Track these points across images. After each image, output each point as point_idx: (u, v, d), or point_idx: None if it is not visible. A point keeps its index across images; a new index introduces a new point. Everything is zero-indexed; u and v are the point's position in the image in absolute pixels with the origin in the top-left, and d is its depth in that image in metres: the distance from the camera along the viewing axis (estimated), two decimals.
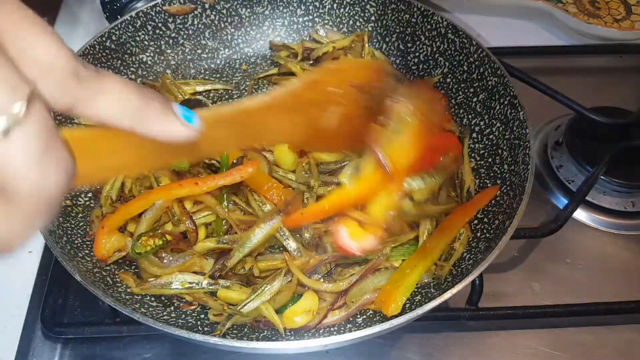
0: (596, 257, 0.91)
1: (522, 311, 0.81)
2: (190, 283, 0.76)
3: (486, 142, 0.92)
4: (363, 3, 1.07)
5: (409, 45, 1.05)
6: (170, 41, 1.04)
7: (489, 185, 0.87)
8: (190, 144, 0.44)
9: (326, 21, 1.09)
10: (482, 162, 0.91)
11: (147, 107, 0.40)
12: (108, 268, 0.78)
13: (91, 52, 0.94)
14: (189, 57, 1.06)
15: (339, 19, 1.09)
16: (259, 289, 0.75)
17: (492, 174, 0.88)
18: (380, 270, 0.78)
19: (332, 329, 0.76)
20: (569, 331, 0.82)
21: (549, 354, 0.80)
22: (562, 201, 0.97)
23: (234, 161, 0.84)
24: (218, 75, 1.07)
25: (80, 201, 0.85)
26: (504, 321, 0.82)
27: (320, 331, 0.76)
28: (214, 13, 1.06)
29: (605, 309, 0.82)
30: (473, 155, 0.93)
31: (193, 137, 0.43)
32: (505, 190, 0.84)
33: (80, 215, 0.84)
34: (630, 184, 0.94)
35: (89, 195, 0.86)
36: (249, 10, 1.08)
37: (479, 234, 0.82)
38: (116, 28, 0.97)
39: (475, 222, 0.84)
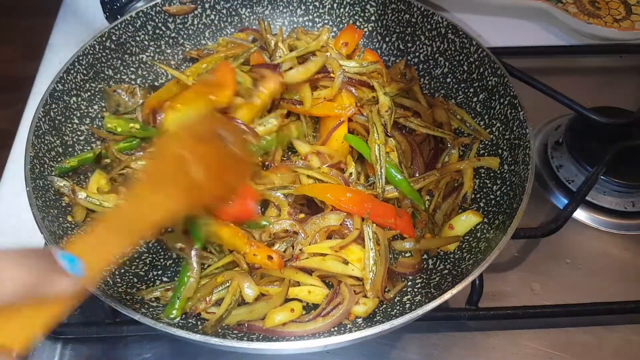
0: (596, 257, 0.91)
1: (522, 311, 0.81)
2: None
3: (486, 142, 0.92)
4: (363, 3, 1.07)
5: (409, 45, 1.05)
6: (170, 41, 1.04)
7: (489, 185, 0.87)
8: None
9: (326, 21, 1.09)
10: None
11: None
12: (108, 268, 0.78)
13: (91, 52, 0.94)
14: (189, 57, 1.06)
15: (339, 19, 1.09)
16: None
17: (492, 174, 0.88)
18: None
19: (332, 329, 0.76)
20: (569, 331, 0.82)
21: (549, 354, 0.80)
22: (562, 201, 0.97)
23: None
24: None
25: None
26: (504, 321, 0.82)
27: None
28: (214, 13, 1.06)
29: (605, 309, 0.82)
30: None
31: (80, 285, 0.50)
32: (505, 190, 0.84)
33: None
34: (630, 184, 0.94)
35: None
36: (249, 10, 1.08)
37: (479, 234, 0.82)
38: (116, 28, 0.97)
39: None
